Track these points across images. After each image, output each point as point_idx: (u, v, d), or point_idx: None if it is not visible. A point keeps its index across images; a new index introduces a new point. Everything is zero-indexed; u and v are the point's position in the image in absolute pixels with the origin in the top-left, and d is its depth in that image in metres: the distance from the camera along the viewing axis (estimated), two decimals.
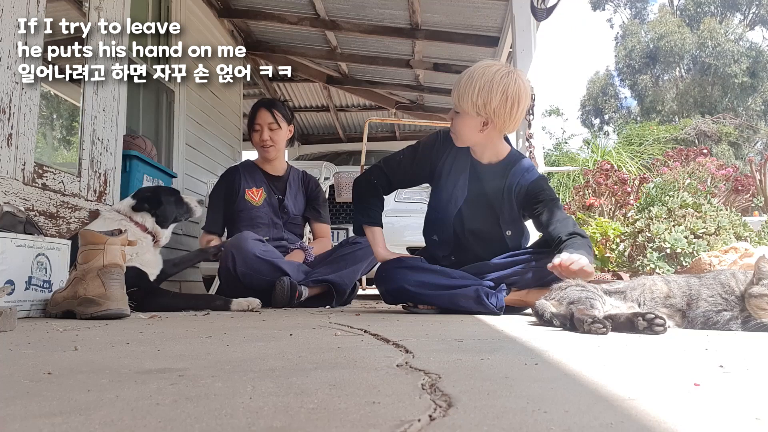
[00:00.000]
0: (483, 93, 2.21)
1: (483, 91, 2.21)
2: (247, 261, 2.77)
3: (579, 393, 0.73)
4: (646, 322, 1.46)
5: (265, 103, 3.27)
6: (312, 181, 3.41)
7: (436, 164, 2.46)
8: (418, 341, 1.25)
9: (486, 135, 2.32)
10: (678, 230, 3.08)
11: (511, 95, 2.21)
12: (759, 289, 1.55)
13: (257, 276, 2.78)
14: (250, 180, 3.23)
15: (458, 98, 2.28)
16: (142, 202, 2.58)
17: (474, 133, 2.31)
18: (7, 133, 2.71)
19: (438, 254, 2.49)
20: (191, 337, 1.37)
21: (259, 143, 3.21)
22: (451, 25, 5.65)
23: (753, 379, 0.86)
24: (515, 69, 2.32)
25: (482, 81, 2.21)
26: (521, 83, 2.25)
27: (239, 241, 2.84)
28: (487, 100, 2.21)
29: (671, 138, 16.12)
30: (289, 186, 3.28)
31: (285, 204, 3.22)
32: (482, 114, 2.25)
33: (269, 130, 3.18)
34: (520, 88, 2.23)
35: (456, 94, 2.29)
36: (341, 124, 9.39)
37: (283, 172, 3.32)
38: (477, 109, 2.24)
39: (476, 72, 2.24)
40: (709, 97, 25.42)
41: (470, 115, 2.27)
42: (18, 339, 1.34)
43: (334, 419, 0.58)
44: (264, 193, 3.20)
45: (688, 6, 27.46)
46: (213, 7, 5.82)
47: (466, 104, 2.25)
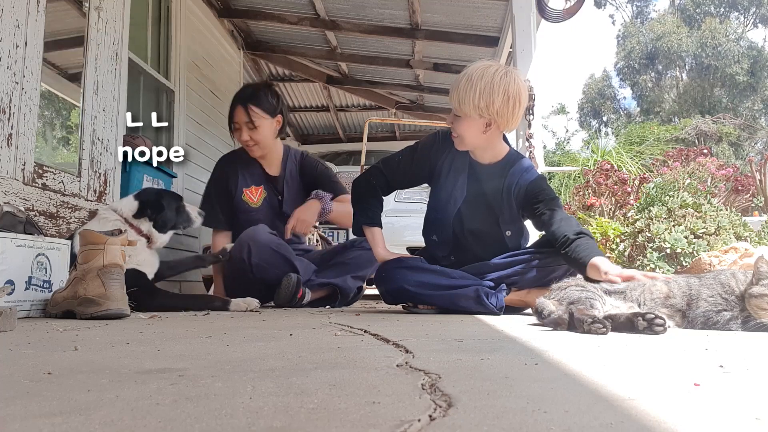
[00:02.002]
0: (485, 95, 2.20)
1: (485, 93, 2.20)
2: (262, 253, 2.71)
3: (579, 393, 0.73)
4: (646, 322, 1.46)
5: (241, 99, 2.96)
6: (307, 160, 3.14)
7: (434, 165, 2.46)
8: (418, 341, 1.25)
9: (489, 136, 2.32)
10: (678, 230, 3.08)
11: (512, 95, 2.21)
12: (759, 289, 1.55)
13: (270, 269, 2.73)
14: (248, 177, 3.03)
15: (459, 102, 2.25)
16: (143, 207, 2.53)
17: (478, 135, 2.30)
18: (7, 133, 2.71)
19: (438, 254, 2.49)
20: (191, 337, 1.37)
21: (242, 143, 2.99)
22: (451, 25, 5.64)
23: (753, 379, 0.86)
24: (511, 68, 2.32)
25: (482, 83, 2.20)
26: (520, 82, 2.26)
27: (255, 233, 2.76)
28: (490, 102, 2.20)
29: (671, 138, 16.12)
30: (286, 184, 3.08)
31: (284, 210, 3.06)
32: (485, 116, 2.24)
33: (248, 130, 2.92)
34: (519, 87, 2.24)
35: (456, 97, 2.26)
36: (341, 124, 9.38)
37: (278, 167, 3.08)
38: (480, 112, 2.23)
39: (475, 74, 2.23)
40: (709, 98, 25.42)
41: (473, 118, 2.26)
42: (18, 339, 1.34)
43: (334, 419, 0.58)
44: (264, 191, 3.03)
45: (688, 6, 27.47)
46: (213, 7, 5.82)
47: (468, 107, 2.23)
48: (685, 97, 25.99)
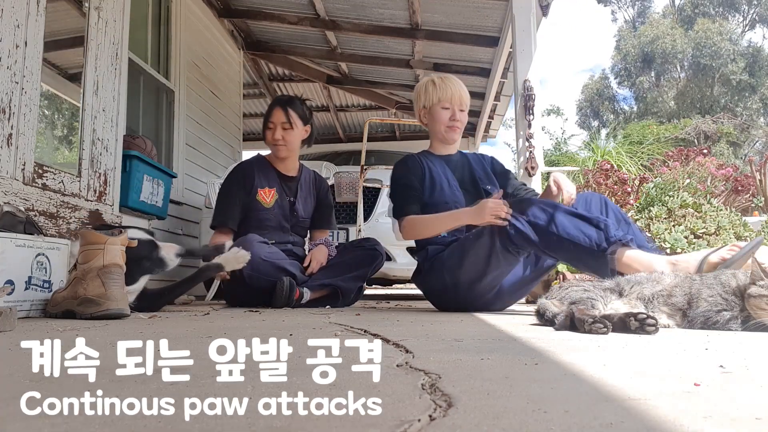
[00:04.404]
0: (414, 102, 2.85)
1: (414, 102, 2.86)
2: (253, 264, 2.75)
3: (579, 393, 0.74)
4: (638, 322, 1.46)
5: (281, 102, 3.21)
6: (324, 184, 3.36)
7: (422, 180, 2.66)
8: (418, 341, 1.25)
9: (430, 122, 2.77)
10: (678, 230, 3.08)
11: (416, 89, 2.81)
12: (758, 290, 1.55)
13: (263, 278, 2.78)
14: (264, 179, 3.15)
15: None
16: None
17: (435, 124, 2.75)
18: (7, 133, 2.71)
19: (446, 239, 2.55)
20: (191, 337, 1.37)
21: (271, 142, 3.15)
22: (451, 25, 5.65)
23: (753, 379, 0.86)
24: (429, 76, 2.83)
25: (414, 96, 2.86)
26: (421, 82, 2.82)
27: (245, 244, 2.81)
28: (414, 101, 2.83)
29: (671, 137, 16.12)
30: (300, 188, 3.22)
31: (296, 207, 3.16)
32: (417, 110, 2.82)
33: (282, 129, 3.12)
34: (419, 85, 2.80)
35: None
36: (341, 124, 9.39)
37: (295, 173, 3.24)
38: (419, 114, 2.81)
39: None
40: (707, 98, 25.43)
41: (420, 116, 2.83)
42: (18, 339, 1.34)
43: (334, 419, 0.58)
44: (276, 194, 3.13)
45: (686, 6, 27.50)
46: (213, 7, 5.82)
47: (416, 114, 2.85)
48: (683, 98, 26.00)
